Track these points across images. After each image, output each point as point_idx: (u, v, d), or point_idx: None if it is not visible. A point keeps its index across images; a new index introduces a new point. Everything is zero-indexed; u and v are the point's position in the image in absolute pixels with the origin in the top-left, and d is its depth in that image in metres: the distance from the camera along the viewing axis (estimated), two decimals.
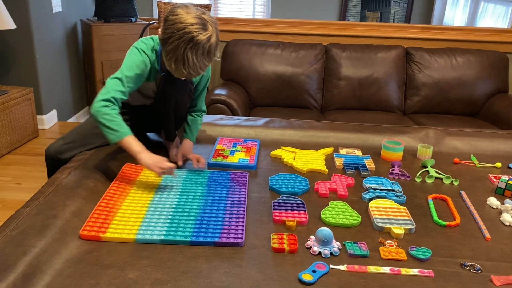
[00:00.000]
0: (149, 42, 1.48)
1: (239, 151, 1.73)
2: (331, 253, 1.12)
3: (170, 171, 1.37)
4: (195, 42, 1.29)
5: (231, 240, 1.15)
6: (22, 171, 2.72)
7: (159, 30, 1.41)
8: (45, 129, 3.38)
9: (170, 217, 1.24)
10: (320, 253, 1.12)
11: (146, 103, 1.63)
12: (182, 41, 1.29)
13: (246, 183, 1.47)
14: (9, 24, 2.80)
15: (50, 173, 1.57)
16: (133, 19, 3.74)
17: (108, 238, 1.14)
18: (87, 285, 0.97)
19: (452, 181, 1.58)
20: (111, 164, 1.52)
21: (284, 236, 1.18)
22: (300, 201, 1.37)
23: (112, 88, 1.37)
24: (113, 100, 1.35)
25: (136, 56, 1.43)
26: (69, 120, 3.72)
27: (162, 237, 1.14)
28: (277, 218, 1.26)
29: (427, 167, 1.68)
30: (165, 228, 1.19)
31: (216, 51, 1.37)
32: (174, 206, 1.31)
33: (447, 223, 1.29)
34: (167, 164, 1.36)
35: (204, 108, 1.74)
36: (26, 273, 0.95)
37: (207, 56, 1.34)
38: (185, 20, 1.30)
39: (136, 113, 1.68)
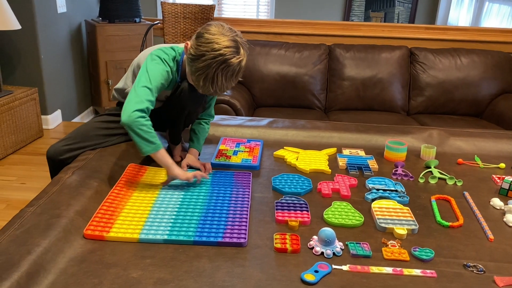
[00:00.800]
0: (170, 52, 1.49)
1: (242, 151, 1.73)
2: (334, 253, 1.13)
3: (201, 175, 1.44)
4: (227, 64, 1.33)
5: (234, 240, 1.15)
6: (27, 170, 2.74)
7: (189, 43, 1.40)
8: (50, 129, 3.40)
9: (173, 217, 1.25)
10: (322, 253, 1.12)
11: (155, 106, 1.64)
12: (215, 62, 1.32)
13: (249, 183, 1.47)
14: (14, 24, 2.82)
15: (52, 173, 1.58)
16: (137, 20, 3.75)
17: (112, 238, 1.14)
18: (90, 284, 0.97)
19: (455, 181, 1.58)
20: (114, 164, 1.53)
21: (287, 236, 1.18)
22: (303, 201, 1.37)
23: (145, 97, 1.39)
24: (146, 110, 1.39)
25: (160, 66, 1.45)
26: (74, 120, 3.74)
27: (166, 237, 1.15)
28: (280, 218, 1.27)
29: (430, 167, 1.67)
30: (169, 228, 1.19)
31: (242, 73, 1.42)
32: (178, 206, 1.31)
33: (450, 223, 1.29)
34: (199, 173, 1.45)
35: (213, 113, 1.76)
36: (30, 271, 0.96)
37: (235, 78, 1.39)
38: (221, 42, 1.33)
39: None
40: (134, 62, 1.62)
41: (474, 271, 1.09)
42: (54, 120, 3.46)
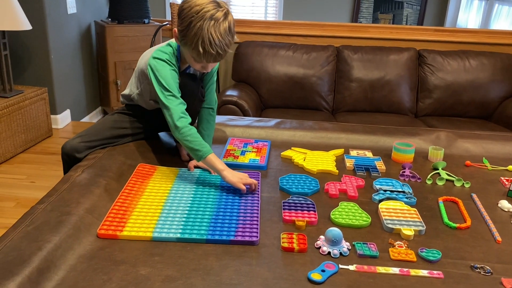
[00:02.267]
0: (168, 50, 1.51)
1: (250, 151, 1.74)
2: (341, 253, 1.13)
3: (254, 187, 1.42)
4: (215, 19, 1.35)
5: (246, 238, 1.16)
6: (36, 169, 2.77)
7: (175, 29, 1.43)
8: (59, 129, 3.44)
9: (185, 215, 1.26)
10: (329, 253, 1.13)
11: (159, 106, 1.65)
12: (203, 21, 1.34)
13: (258, 183, 1.48)
14: (25, 25, 2.85)
15: (66, 170, 1.60)
16: (146, 21, 3.78)
17: (126, 237, 1.15)
18: (99, 281, 0.99)
19: (463, 183, 1.58)
20: (124, 163, 1.55)
21: (294, 236, 1.18)
22: (310, 201, 1.37)
23: (174, 105, 1.44)
24: (183, 115, 1.44)
25: (166, 67, 1.48)
26: (82, 120, 3.77)
27: (179, 235, 1.16)
28: (287, 218, 1.27)
29: (438, 169, 1.67)
30: (181, 227, 1.20)
31: (234, 29, 1.42)
32: (189, 205, 1.32)
33: (457, 225, 1.29)
34: (250, 180, 1.42)
35: (215, 98, 1.72)
36: (41, 267, 0.97)
37: (229, 32, 1.39)
38: (200, 3, 1.36)
39: (150, 117, 1.71)
40: (137, 68, 1.65)
41: (481, 273, 1.09)
42: (63, 119, 3.49)
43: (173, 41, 1.54)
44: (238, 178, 1.40)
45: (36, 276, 0.95)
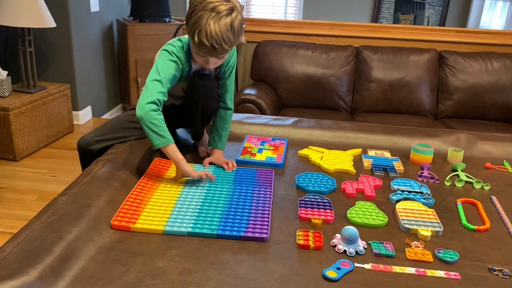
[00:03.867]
0: (177, 43, 1.52)
1: (267, 149, 1.75)
2: (356, 252, 1.13)
3: (207, 175, 1.44)
4: (217, 11, 1.32)
5: (257, 234, 1.17)
6: (58, 164, 2.83)
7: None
8: (80, 125, 3.50)
9: (197, 210, 1.28)
10: (345, 251, 1.13)
11: (175, 103, 1.66)
12: (205, 11, 1.32)
13: (272, 180, 1.49)
14: (50, 22, 2.92)
15: (82, 163, 1.64)
16: (167, 20, 3.82)
17: (138, 229, 1.18)
18: (118, 271, 1.01)
19: (483, 185, 1.55)
20: (142, 158, 1.57)
21: (310, 233, 1.19)
22: (327, 200, 1.37)
23: (155, 90, 1.41)
24: (158, 102, 1.40)
25: (168, 57, 1.47)
26: (103, 117, 3.84)
27: (190, 230, 1.17)
28: (303, 215, 1.28)
29: (457, 171, 1.65)
30: (193, 221, 1.22)
31: (241, 30, 1.39)
32: (202, 200, 1.34)
33: (476, 227, 1.27)
34: (203, 171, 1.45)
35: (231, 105, 1.68)
36: (62, 257, 1.00)
37: (230, 29, 1.35)
38: None
39: (165, 112, 1.73)
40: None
41: (500, 275, 1.07)
42: (84, 116, 3.56)
43: (185, 36, 1.55)
44: (193, 170, 1.42)
45: (57, 265, 0.98)
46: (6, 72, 2.84)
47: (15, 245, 1.01)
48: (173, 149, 1.41)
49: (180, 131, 1.86)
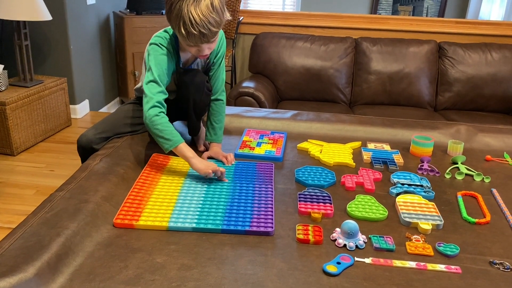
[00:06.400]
0: (164, 34, 1.49)
1: (266, 143, 1.73)
2: (357, 246, 1.12)
3: (220, 174, 1.41)
4: None
5: (262, 228, 1.16)
6: (55, 158, 2.81)
7: None
8: (77, 119, 3.48)
9: (200, 205, 1.27)
10: (345, 245, 1.12)
11: (169, 97, 1.64)
12: (183, 1, 1.29)
13: (272, 173, 1.48)
14: (46, 15, 2.88)
15: (83, 161, 1.61)
16: (164, 12, 3.78)
17: (141, 226, 1.16)
18: (116, 267, 1.00)
19: (483, 178, 1.55)
20: (141, 153, 1.56)
21: (309, 228, 1.18)
22: (326, 193, 1.37)
23: (152, 93, 1.40)
24: (158, 104, 1.40)
25: (158, 52, 1.45)
26: (101, 110, 3.82)
27: (194, 225, 1.16)
28: (303, 209, 1.27)
29: (457, 163, 1.64)
30: (196, 216, 1.21)
31: (223, 7, 1.36)
32: (203, 194, 1.33)
33: (476, 220, 1.27)
34: (216, 167, 1.41)
35: (223, 88, 1.66)
36: (59, 253, 0.99)
37: (212, 9, 1.32)
38: None
39: None
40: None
41: (501, 269, 1.07)
42: (82, 109, 3.54)
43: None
44: (205, 166, 1.39)
45: (54, 262, 0.97)
46: (2, 66, 2.81)
47: (12, 241, 1.00)
48: (182, 149, 1.41)
49: (177, 125, 1.85)
